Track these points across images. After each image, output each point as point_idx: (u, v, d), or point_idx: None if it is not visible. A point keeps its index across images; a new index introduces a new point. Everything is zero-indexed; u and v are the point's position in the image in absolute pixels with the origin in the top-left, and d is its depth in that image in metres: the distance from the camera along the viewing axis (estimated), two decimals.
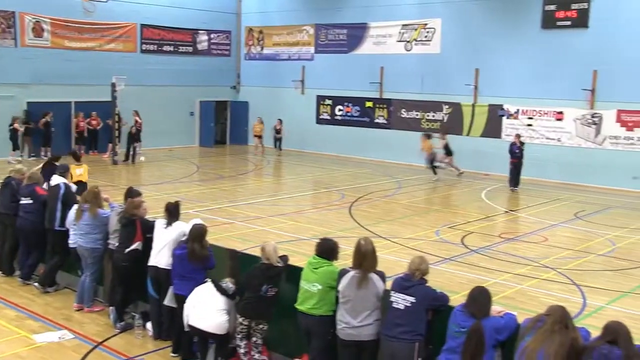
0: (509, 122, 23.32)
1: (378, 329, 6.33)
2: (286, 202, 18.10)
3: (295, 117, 28.61)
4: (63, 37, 25.68)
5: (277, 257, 7.28)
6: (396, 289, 6.13)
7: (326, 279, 6.67)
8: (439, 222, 15.77)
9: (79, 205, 9.50)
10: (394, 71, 26.20)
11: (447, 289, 9.43)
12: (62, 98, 25.55)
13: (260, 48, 31.10)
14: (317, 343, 6.77)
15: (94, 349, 8.19)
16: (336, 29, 28.12)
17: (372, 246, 6.50)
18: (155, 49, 28.76)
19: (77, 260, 9.75)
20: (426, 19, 25.21)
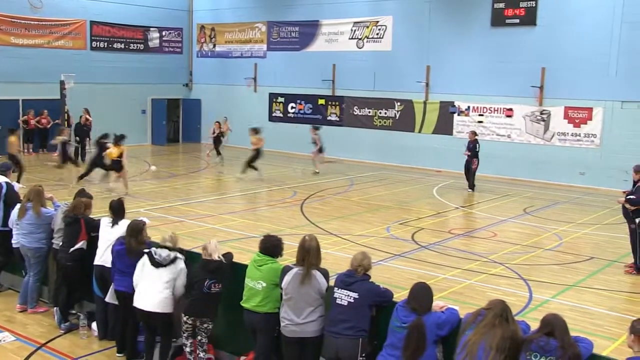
0: (460, 119, 23.62)
1: (322, 325, 6.34)
2: (238, 200, 18.03)
3: (248, 114, 28.48)
4: (9, 33, 25.12)
5: (219, 254, 7.25)
6: (339, 285, 6.15)
7: (270, 277, 6.66)
8: (390, 219, 15.87)
9: (22, 203, 9.31)
10: (346, 68, 26.31)
11: (396, 284, 9.53)
12: (9, 96, 24.97)
13: (213, 45, 30.90)
14: (263, 340, 6.76)
15: (37, 351, 8.04)
16: (288, 26, 28.09)
17: (316, 242, 6.50)
18: (105, 46, 28.33)
19: (21, 260, 9.56)
20: (378, 16, 25.36)
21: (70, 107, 24.14)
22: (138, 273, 7.38)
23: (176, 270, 7.26)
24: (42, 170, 21.71)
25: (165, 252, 7.27)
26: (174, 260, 7.25)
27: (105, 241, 8.24)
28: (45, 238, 9.24)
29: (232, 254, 7.53)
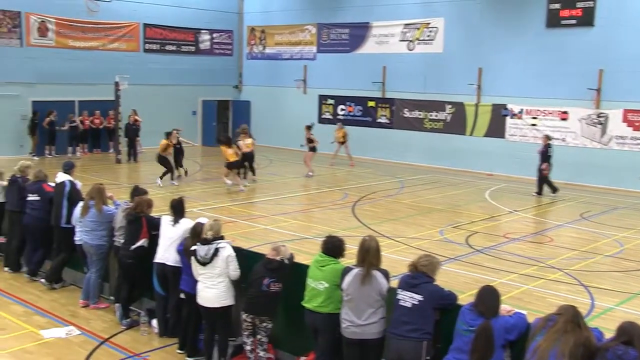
0: (512, 122, 23.29)
1: (383, 327, 6.32)
2: (289, 201, 18.09)
3: (297, 116, 28.59)
4: (67, 36, 25.73)
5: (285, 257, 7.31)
6: (403, 286, 6.10)
7: (333, 277, 6.65)
8: (442, 222, 15.74)
9: (85, 201, 9.50)
10: (396, 71, 26.19)
11: (452, 288, 9.40)
12: (65, 97, 25.56)
13: (263, 47, 31.10)
14: (324, 341, 6.76)
15: (101, 345, 8.21)
16: (338, 28, 28.10)
17: (375, 243, 6.48)
18: (157, 48, 28.78)
19: (83, 257, 9.78)
20: (429, 18, 25.18)
21: (122, 108, 24.57)
22: (194, 272, 7.49)
23: (222, 261, 7.31)
24: (98, 169, 22.15)
25: (204, 249, 7.33)
26: (215, 253, 7.30)
27: (166, 239, 8.37)
28: (106, 235, 9.44)
29: (293, 254, 7.56)
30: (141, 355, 7.99)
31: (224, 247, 7.36)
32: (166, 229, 8.41)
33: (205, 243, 7.35)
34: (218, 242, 7.35)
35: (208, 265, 7.28)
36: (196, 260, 7.35)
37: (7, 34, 24.08)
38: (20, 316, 9.11)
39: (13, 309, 9.40)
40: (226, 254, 7.33)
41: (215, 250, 7.29)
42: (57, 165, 19.36)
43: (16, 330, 8.60)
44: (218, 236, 7.42)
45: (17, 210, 10.91)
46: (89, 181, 13.95)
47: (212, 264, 7.28)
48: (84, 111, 25.99)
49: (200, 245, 7.37)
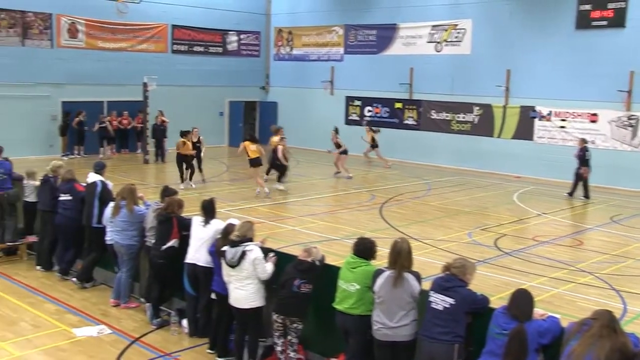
0: (541, 124, 23.08)
1: (415, 329, 6.30)
2: (316, 202, 18.10)
3: (324, 117, 28.63)
4: (97, 37, 26.03)
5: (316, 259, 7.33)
6: (436, 289, 6.08)
7: (364, 279, 6.65)
8: (470, 224, 15.65)
9: (116, 201, 9.60)
10: (424, 72, 26.09)
11: (481, 291, 9.34)
12: (94, 98, 25.85)
13: (290, 49, 31.18)
14: (355, 343, 6.76)
15: (132, 344, 8.28)
16: (366, 29, 28.08)
17: (407, 245, 6.46)
18: (185, 49, 28.99)
19: (114, 256, 9.88)
20: (457, 19, 25.06)
21: (150, 109, 24.78)
22: (224, 273, 7.53)
23: (249, 264, 7.32)
24: (126, 169, 22.36)
25: (232, 252, 7.35)
26: (242, 256, 7.31)
27: (197, 240, 8.43)
28: (137, 235, 9.52)
29: (324, 255, 7.56)
30: (172, 354, 8.05)
31: (251, 249, 7.35)
32: (197, 230, 8.46)
33: (233, 245, 7.38)
34: (245, 245, 7.36)
35: (236, 268, 7.31)
36: (225, 262, 7.39)
37: (39, 36, 24.43)
38: (53, 314, 9.23)
39: (46, 307, 9.53)
40: (253, 256, 7.32)
41: (242, 253, 7.31)
42: (85, 165, 19.68)
43: (49, 328, 8.72)
44: (245, 238, 7.43)
45: (49, 209, 11.05)
46: (117, 181, 14.17)
47: (239, 267, 7.30)
48: (112, 112, 26.24)
49: (228, 247, 7.40)
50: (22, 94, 24.06)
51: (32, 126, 24.31)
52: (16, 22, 23.83)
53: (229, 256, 7.30)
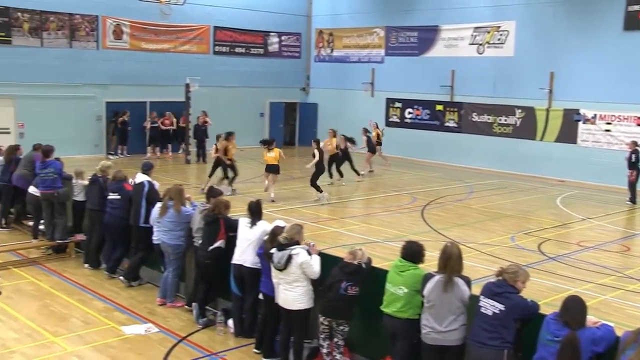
0: (585, 127, 22.74)
1: (464, 334, 6.28)
2: (357, 204, 18.13)
3: (364, 119, 28.53)
4: (141, 39, 26.43)
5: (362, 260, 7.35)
6: (486, 293, 6.05)
7: (412, 283, 6.65)
8: (513, 228, 15.51)
9: (164, 202, 9.73)
10: (465, 74, 25.90)
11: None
12: (138, 98, 26.24)
13: (330, 50, 31.23)
14: (402, 346, 6.76)
15: (179, 343, 8.40)
16: (407, 31, 27.99)
17: (457, 250, 6.46)
18: (227, 50, 29.24)
19: (160, 256, 10.03)
20: (500, 21, 24.82)
21: (192, 110, 25.07)
22: (273, 275, 7.58)
23: (296, 268, 7.35)
24: (168, 169, 22.64)
25: (278, 256, 7.38)
26: (289, 260, 7.34)
27: (244, 241, 8.50)
28: (184, 236, 9.64)
29: (370, 258, 7.58)
30: (218, 354, 8.14)
31: (297, 253, 7.37)
32: (244, 231, 8.54)
33: (280, 248, 7.43)
34: (292, 248, 7.39)
35: (284, 271, 7.36)
36: (273, 265, 7.45)
37: (85, 37, 24.91)
38: (102, 312, 9.41)
39: (95, 304, 9.72)
40: (300, 260, 7.35)
41: (288, 257, 7.35)
42: (128, 165, 20.02)
43: (99, 325, 8.90)
44: (293, 241, 7.47)
45: (97, 209, 11.27)
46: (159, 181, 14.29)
47: (287, 270, 7.35)
48: (152, 112, 26.47)
49: (275, 250, 7.45)
50: (69, 95, 24.55)
51: (78, 126, 24.77)
52: (64, 24, 24.33)
53: (275, 259, 7.36)
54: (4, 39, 23.08)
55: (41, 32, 23.81)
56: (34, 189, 12.40)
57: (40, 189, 12.16)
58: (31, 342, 8.25)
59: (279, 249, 7.38)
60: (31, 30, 23.59)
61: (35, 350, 8.02)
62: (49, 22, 23.95)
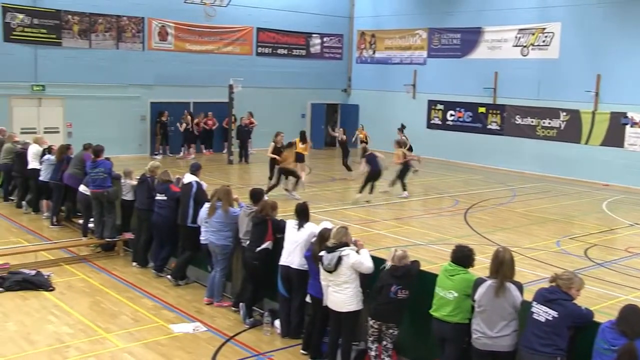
0: (632, 131, 22.33)
1: (515, 340, 6.26)
2: (399, 207, 18.07)
3: (405, 121, 28.42)
4: (185, 40, 26.77)
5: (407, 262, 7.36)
6: (539, 299, 6.02)
7: (462, 287, 6.65)
8: (558, 233, 15.32)
9: (212, 202, 9.87)
10: (508, 76, 25.66)
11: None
12: (181, 99, 26.59)
13: (372, 52, 31.22)
14: (451, 351, 6.76)
15: (226, 343, 8.51)
16: (450, 33, 27.84)
17: (510, 255, 6.45)
18: (269, 51, 29.44)
19: (208, 256, 10.15)
20: (545, 23, 24.52)
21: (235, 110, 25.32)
22: (322, 277, 7.64)
23: (347, 269, 7.38)
24: (211, 170, 22.86)
25: (329, 258, 7.43)
26: (339, 261, 7.38)
27: (291, 243, 8.57)
28: (231, 236, 9.75)
29: (419, 262, 7.59)
30: (265, 354, 8.23)
31: (347, 254, 7.41)
32: (291, 233, 8.61)
33: (329, 251, 7.49)
34: (341, 250, 7.45)
35: (334, 273, 7.42)
36: (322, 267, 7.51)
37: (131, 39, 25.34)
38: (151, 309, 9.58)
39: (143, 302, 9.90)
40: (351, 261, 7.39)
41: (338, 259, 7.40)
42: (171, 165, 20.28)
43: (148, 323, 9.07)
44: (341, 243, 7.51)
45: (145, 208, 11.46)
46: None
47: (337, 272, 7.40)
48: (186, 113, 26.41)
49: (325, 253, 7.51)
50: (115, 95, 25.03)
51: (123, 126, 25.20)
52: (112, 26, 24.79)
53: (325, 262, 7.42)
54: (55, 40, 23.63)
55: (90, 34, 24.31)
56: (84, 188, 12.70)
57: (90, 188, 12.44)
58: (85, 338, 8.46)
59: (328, 252, 7.44)
60: (80, 32, 24.10)
61: (89, 346, 8.22)
62: (97, 24, 24.44)
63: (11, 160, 15.85)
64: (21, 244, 12.79)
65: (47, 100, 23.81)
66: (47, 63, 23.47)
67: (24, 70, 23.11)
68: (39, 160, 14.88)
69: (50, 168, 14.33)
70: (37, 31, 23.19)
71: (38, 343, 8.25)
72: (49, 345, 8.18)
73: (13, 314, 9.19)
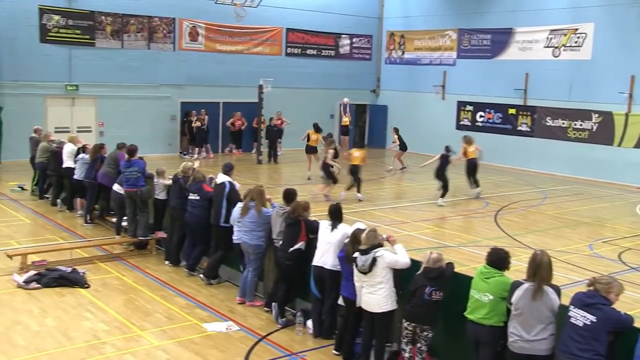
0: None
1: (552, 344, 6.22)
2: (429, 208, 18.00)
3: (434, 122, 28.49)
4: (215, 40, 26.96)
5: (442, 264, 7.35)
6: (576, 304, 5.98)
7: (498, 290, 6.62)
8: (590, 236, 15.17)
9: (245, 202, 9.93)
10: (539, 78, 25.43)
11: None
12: (211, 99, 26.77)
13: (402, 52, 31.13)
14: (486, 354, 6.74)
15: (259, 342, 8.56)
16: (480, 33, 27.66)
17: (548, 258, 6.40)
18: (299, 52, 29.52)
19: (240, 255, 10.22)
20: (577, 23, 24.25)
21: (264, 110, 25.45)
22: (356, 278, 7.66)
23: (381, 270, 7.39)
24: (240, 170, 22.96)
25: (363, 259, 7.44)
26: (373, 262, 7.39)
27: (324, 244, 8.61)
28: (264, 236, 9.81)
29: (453, 264, 7.57)
30: (298, 354, 8.27)
31: (381, 255, 7.43)
32: (324, 234, 8.65)
33: (363, 253, 7.51)
34: (375, 251, 7.46)
35: (368, 274, 7.43)
36: (357, 269, 7.53)
37: (162, 39, 25.58)
38: (184, 308, 9.68)
39: (176, 300, 10.00)
40: (385, 262, 7.41)
41: (372, 260, 7.42)
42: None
43: (182, 321, 9.16)
44: (374, 245, 7.53)
45: (178, 207, 11.58)
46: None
47: (371, 273, 7.42)
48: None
49: (359, 254, 7.53)
50: (146, 95, 25.30)
51: (153, 125, 25.43)
52: (143, 26, 25.05)
53: (360, 263, 7.44)
54: (88, 41, 23.95)
55: (122, 35, 24.59)
56: (118, 187, 12.85)
57: (124, 187, 12.59)
58: (120, 335, 8.58)
59: (362, 253, 7.46)
60: (113, 32, 24.39)
61: (125, 343, 8.34)
62: (129, 25, 24.72)
63: (47, 159, 16.11)
64: (57, 242, 13.00)
65: (80, 99, 24.14)
66: (80, 63, 23.80)
67: (59, 71, 23.46)
68: (73, 159, 15.09)
69: (85, 167, 14.53)
70: (71, 32, 23.53)
71: (75, 339, 8.39)
72: (86, 342, 8.31)
73: (51, 310, 9.36)
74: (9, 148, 21.79)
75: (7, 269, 11.06)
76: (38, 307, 9.45)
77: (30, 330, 8.63)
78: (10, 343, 8.22)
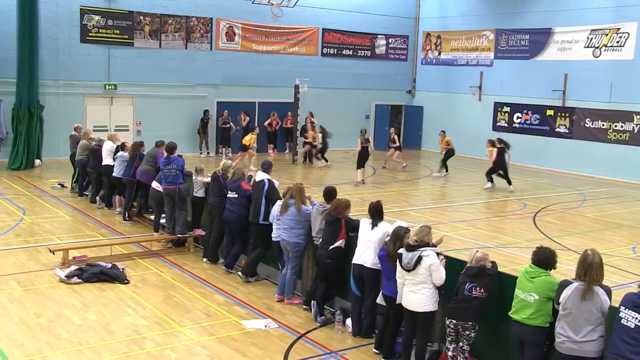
0: None
1: (602, 346, 6.08)
2: (466, 209, 17.83)
3: (470, 123, 28.22)
4: (252, 40, 27.07)
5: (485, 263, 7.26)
6: (627, 304, 5.82)
7: (544, 289, 6.50)
8: (633, 239, 14.87)
9: (285, 200, 9.92)
10: (579, 78, 25.05)
11: None
12: (247, 98, 26.88)
13: (438, 53, 30.92)
14: (531, 354, 6.62)
15: (298, 340, 8.53)
16: (518, 34, 27.34)
17: (599, 258, 6.26)
18: (335, 52, 29.49)
19: (279, 253, 10.21)
20: (619, 23, 23.83)
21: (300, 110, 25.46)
22: (398, 275, 7.58)
23: (425, 269, 7.31)
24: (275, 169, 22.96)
25: (408, 256, 7.36)
26: (418, 261, 7.31)
27: (365, 242, 8.55)
28: (304, 234, 9.78)
29: (496, 263, 7.46)
30: (337, 352, 8.22)
31: (427, 255, 7.34)
32: (365, 232, 8.59)
33: (410, 250, 7.43)
34: (422, 250, 7.38)
35: (411, 272, 7.36)
36: (400, 266, 7.46)
37: (200, 39, 25.77)
38: (222, 305, 9.69)
39: (215, 297, 10.03)
40: (429, 262, 7.32)
41: (418, 258, 7.34)
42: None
43: (221, 318, 9.18)
44: (423, 242, 7.45)
45: (216, 205, 11.61)
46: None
47: (415, 271, 7.34)
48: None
49: (404, 251, 7.46)
50: (183, 94, 25.52)
51: (188, 124, 25.61)
52: (181, 26, 25.27)
53: (405, 260, 7.36)
54: (127, 41, 24.23)
55: (160, 34, 24.84)
56: (156, 184, 12.95)
57: (163, 184, 12.67)
58: (160, 330, 8.63)
59: (408, 250, 7.39)
60: (151, 32, 24.64)
61: (165, 338, 8.38)
62: (167, 25, 24.95)
63: (86, 156, 16.31)
64: (96, 238, 13.14)
65: (119, 98, 24.43)
66: (119, 63, 24.09)
67: (98, 70, 23.77)
68: (112, 156, 15.25)
69: (123, 164, 14.66)
70: (111, 32, 23.83)
71: (117, 333, 8.46)
72: (127, 336, 8.37)
73: (92, 305, 9.45)
74: (50, 146, 22.13)
75: (50, 263, 11.21)
76: (80, 302, 9.56)
77: (73, 324, 8.73)
78: (55, 335, 8.32)
